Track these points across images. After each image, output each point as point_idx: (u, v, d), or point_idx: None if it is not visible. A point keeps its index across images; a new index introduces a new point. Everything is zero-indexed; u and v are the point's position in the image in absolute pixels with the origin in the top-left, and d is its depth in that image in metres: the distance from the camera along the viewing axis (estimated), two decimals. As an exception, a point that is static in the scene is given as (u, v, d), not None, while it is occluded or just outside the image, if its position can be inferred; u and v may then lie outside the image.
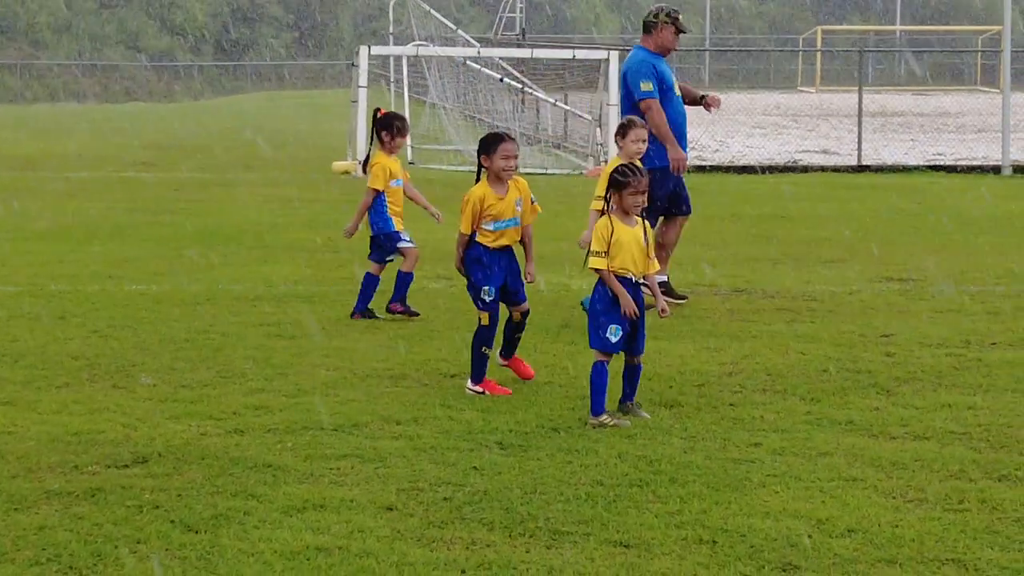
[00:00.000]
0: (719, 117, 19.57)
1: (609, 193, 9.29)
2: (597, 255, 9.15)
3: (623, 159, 11.74)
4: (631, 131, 11.73)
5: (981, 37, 74.21)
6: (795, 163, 29.35)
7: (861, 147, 29.67)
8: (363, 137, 27.01)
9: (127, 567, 6.59)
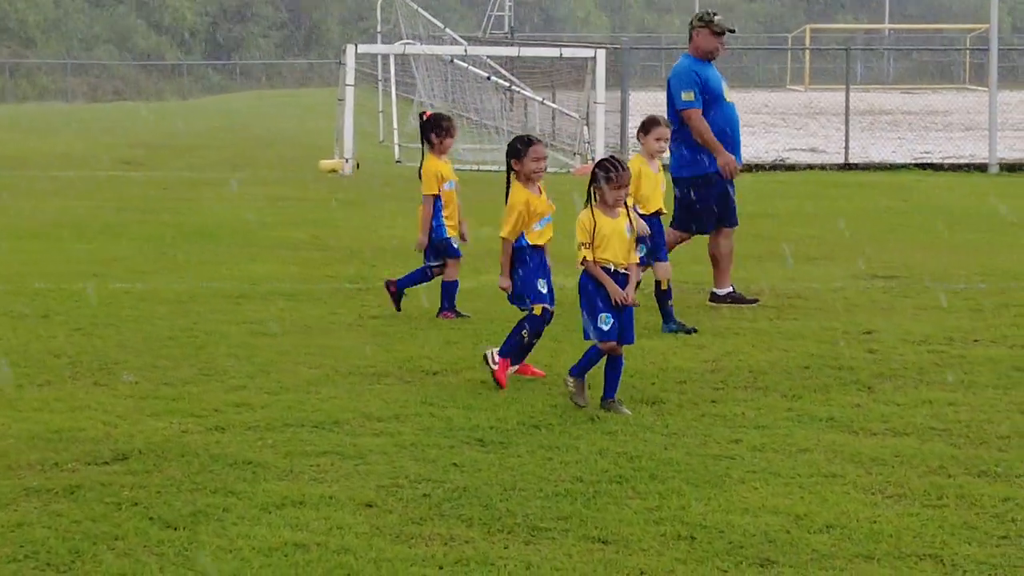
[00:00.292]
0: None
1: (592, 187, 9.33)
2: (581, 247, 9.21)
3: (643, 156, 11.79)
4: (654, 129, 11.74)
5: (970, 35, 74.32)
6: (782, 161, 29.37)
7: (848, 145, 29.71)
8: (350, 135, 27.01)
9: (105, 564, 6.58)
